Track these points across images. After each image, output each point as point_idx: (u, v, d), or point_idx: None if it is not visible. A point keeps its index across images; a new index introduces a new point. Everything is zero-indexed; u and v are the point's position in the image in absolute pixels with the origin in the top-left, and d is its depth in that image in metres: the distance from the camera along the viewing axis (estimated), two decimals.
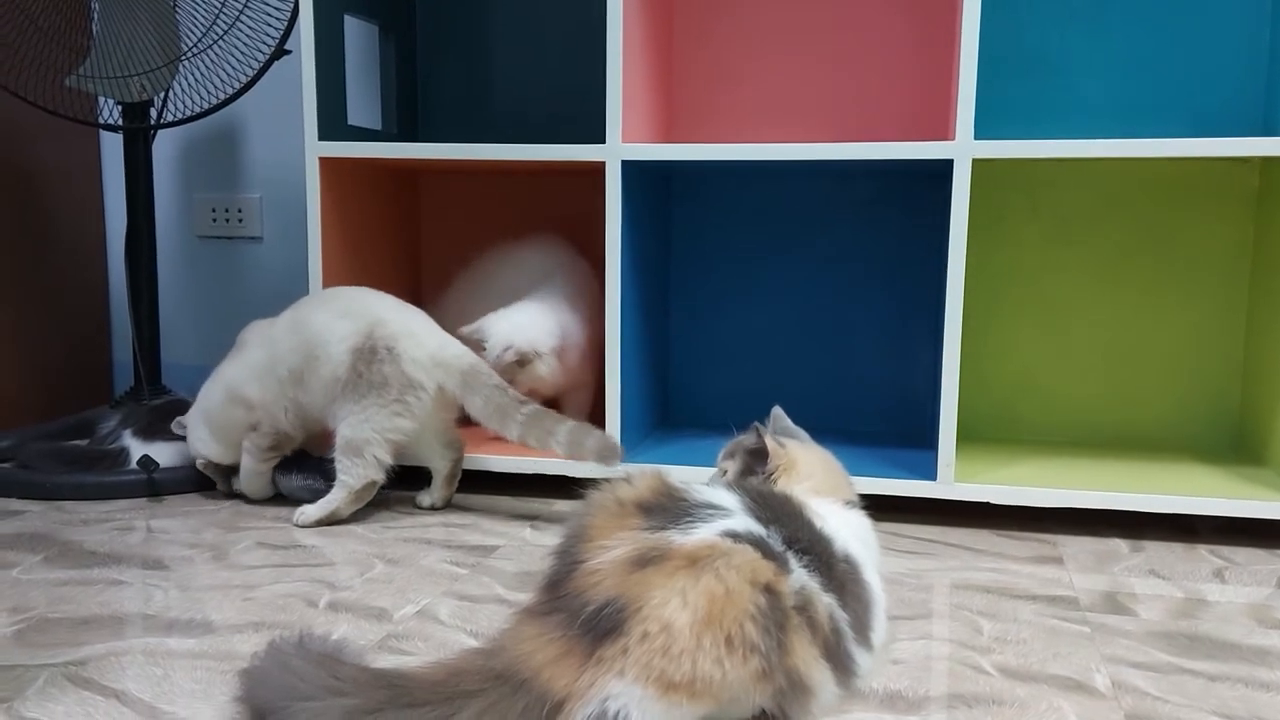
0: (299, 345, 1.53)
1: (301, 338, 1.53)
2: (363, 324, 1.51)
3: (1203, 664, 1.06)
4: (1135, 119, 1.77)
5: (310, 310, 1.56)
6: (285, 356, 1.54)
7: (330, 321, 1.52)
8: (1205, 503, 1.46)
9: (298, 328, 1.54)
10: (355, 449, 1.49)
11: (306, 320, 1.54)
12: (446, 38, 2.03)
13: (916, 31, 1.83)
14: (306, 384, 1.53)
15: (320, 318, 1.53)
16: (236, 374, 1.59)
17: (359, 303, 1.55)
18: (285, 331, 1.55)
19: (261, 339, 1.59)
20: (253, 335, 1.62)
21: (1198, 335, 1.79)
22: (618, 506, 0.94)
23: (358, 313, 1.52)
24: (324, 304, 1.56)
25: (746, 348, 1.96)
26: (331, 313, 1.54)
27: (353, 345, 1.49)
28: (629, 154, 1.58)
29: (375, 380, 1.48)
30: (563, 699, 0.84)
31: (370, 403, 1.48)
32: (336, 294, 1.60)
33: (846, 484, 1.15)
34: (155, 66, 1.79)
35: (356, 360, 1.49)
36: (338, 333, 1.51)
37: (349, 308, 1.54)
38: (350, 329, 1.51)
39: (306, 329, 1.53)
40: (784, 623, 0.87)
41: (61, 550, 1.39)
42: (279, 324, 1.58)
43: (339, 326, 1.51)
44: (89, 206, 2.26)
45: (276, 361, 1.55)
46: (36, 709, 0.93)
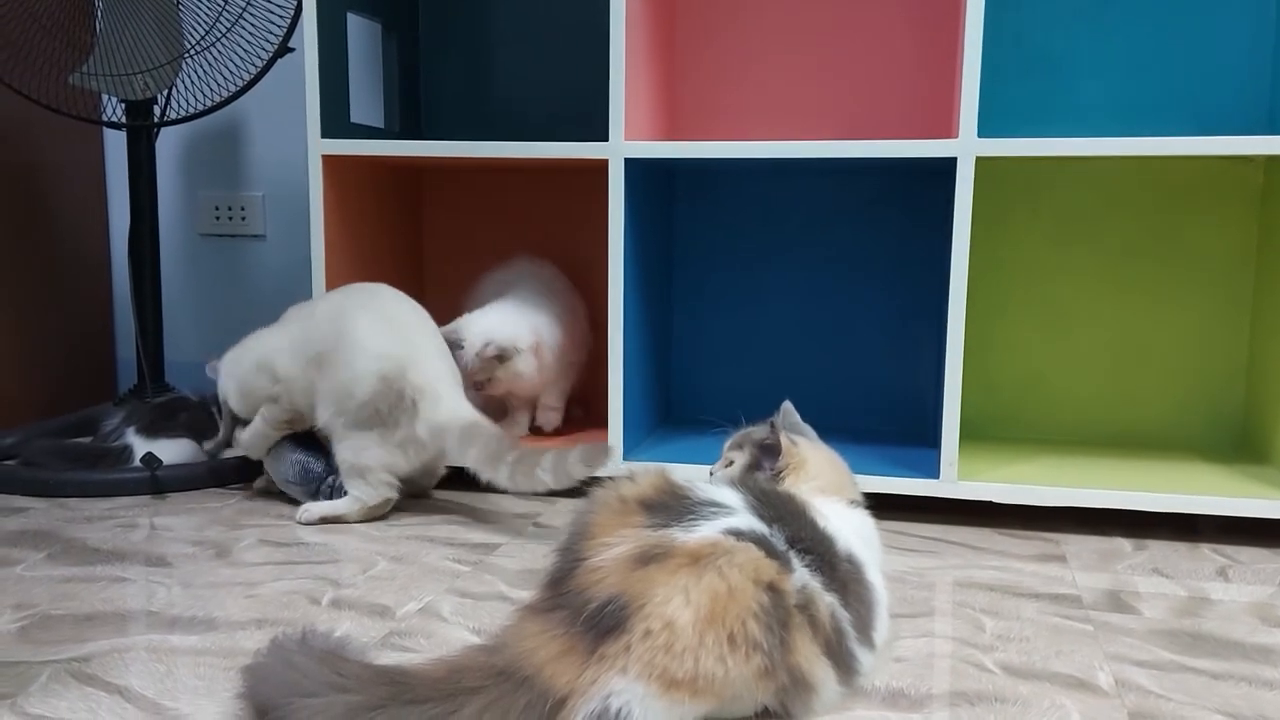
0: (333, 336, 1.51)
1: (338, 331, 1.51)
2: (400, 357, 1.49)
3: (1206, 662, 1.06)
4: (1139, 118, 1.76)
5: (356, 309, 1.53)
6: (317, 340, 1.52)
7: (372, 333, 1.50)
8: (1209, 501, 1.46)
9: (338, 319, 1.52)
10: (359, 473, 1.50)
11: (349, 318, 1.51)
12: (449, 35, 2.03)
13: (920, 30, 1.82)
14: (325, 373, 1.52)
15: (363, 324, 1.50)
16: (270, 344, 1.58)
17: (402, 325, 1.53)
18: (325, 318, 1.54)
19: (302, 316, 1.58)
20: (295, 311, 1.61)
21: (1201, 334, 1.79)
22: (620, 504, 0.94)
23: (399, 339, 1.50)
24: (369, 308, 1.53)
25: (749, 346, 1.96)
26: (375, 324, 1.51)
27: (383, 372, 1.48)
28: (631, 151, 1.58)
29: (388, 420, 1.48)
30: (565, 696, 0.84)
31: (375, 435, 1.48)
32: (382, 300, 1.56)
33: (851, 483, 1.15)
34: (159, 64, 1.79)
35: (381, 390, 1.47)
36: (373, 350, 1.49)
37: (393, 329, 1.51)
38: (387, 352, 1.49)
39: (346, 326, 1.51)
40: (787, 621, 0.87)
41: (65, 547, 1.39)
42: (321, 306, 1.57)
43: (377, 344, 1.49)
44: (92, 204, 2.27)
45: (309, 342, 1.54)
46: (40, 705, 0.93)
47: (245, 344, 1.62)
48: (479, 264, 2.05)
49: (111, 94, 1.80)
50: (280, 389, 1.56)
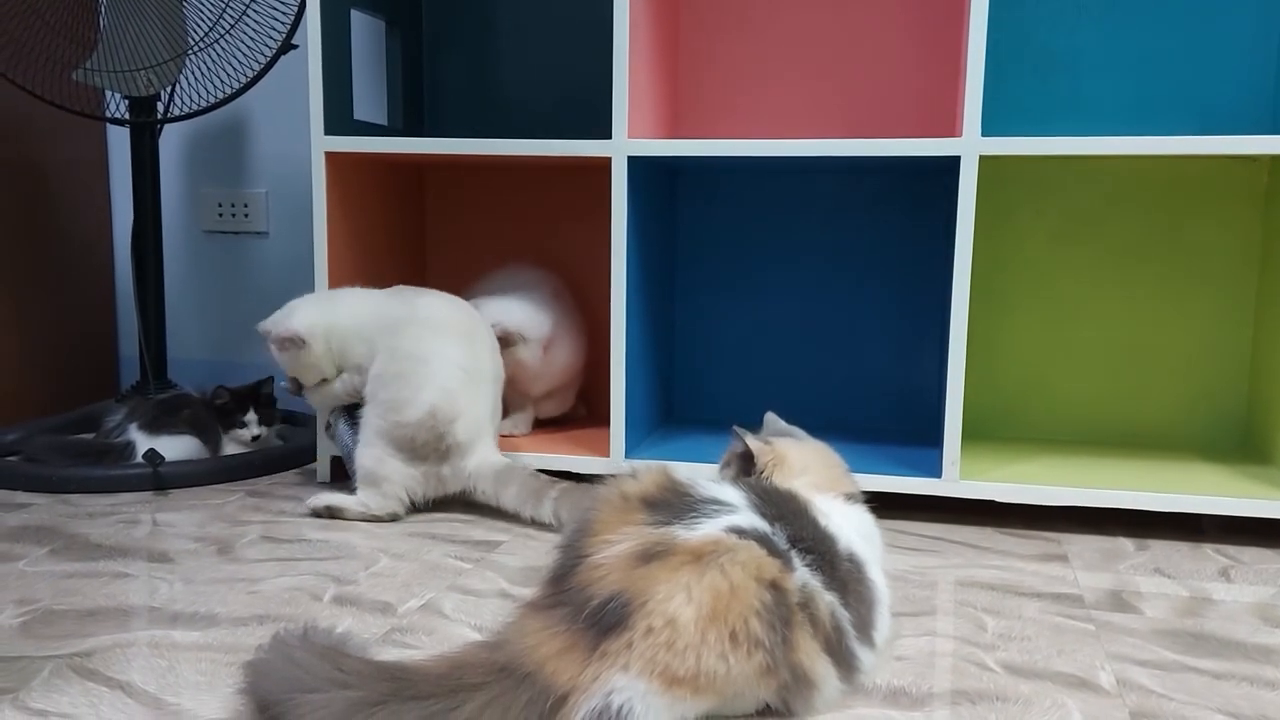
0: (419, 348, 1.51)
1: (426, 348, 1.51)
2: (458, 408, 1.50)
3: (1208, 662, 1.06)
4: (1143, 117, 1.76)
5: (452, 336, 1.53)
6: (405, 341, 1.52)
7: (448, 363, 1.50)
8: (1211, 501, 1.46)
9: (433, 336, 1.52)
10: (375, 481, 1.50)
11: (441, 341, 1.52)
12: (453, 32, 2.03)
13: (924, 28, 1.82)
14: (390, 373, 1.51)
15: (446, 350, 1.51)
16: (370, 314, 1.59)
17: (479, 379, 1.54)
18: (425, 323, 1.53)
19: (405, 305, 1.57)
20: (401, 296, 1.60)
21: (1205, 334, 1.79)
22: (623, 501, 0.94)
23: (469, 388, 1.51)
24: (461, 339, 1.54)
25: (751, 344, 1.96)
26: (456, 356, 1.51)
27: (436, 407, 1.48)
28: (634, 149, 1.58)
29: (421, 451, 1.49)
30: (566, 692, 0.84)
31: (406, 455, 1.50)
32: (475, 334, 1.56)
33: (845, 477, 1.15)
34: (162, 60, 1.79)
35: (425, 422, 1.48)
36: (441, 380, 1.49)
37: (471, 375, 1.52)
38: (452, 392, 1.50)
39: (436, 349, 1.51)
40: (788, 619, 0.87)
41: (67, 543, 1.40)
42: (428, 308, 1.56)
43: (450, 375, 1.50)
44: (96, 200, 2.27)
45: (395, 333, 1.53)
46: (42, 700, 0.93)
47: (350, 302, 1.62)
48: (481, 261, 2.05)
49: (115, 90, 1.80)
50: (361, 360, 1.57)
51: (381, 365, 1.52)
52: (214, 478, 1.72)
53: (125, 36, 1.77)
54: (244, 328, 2.28)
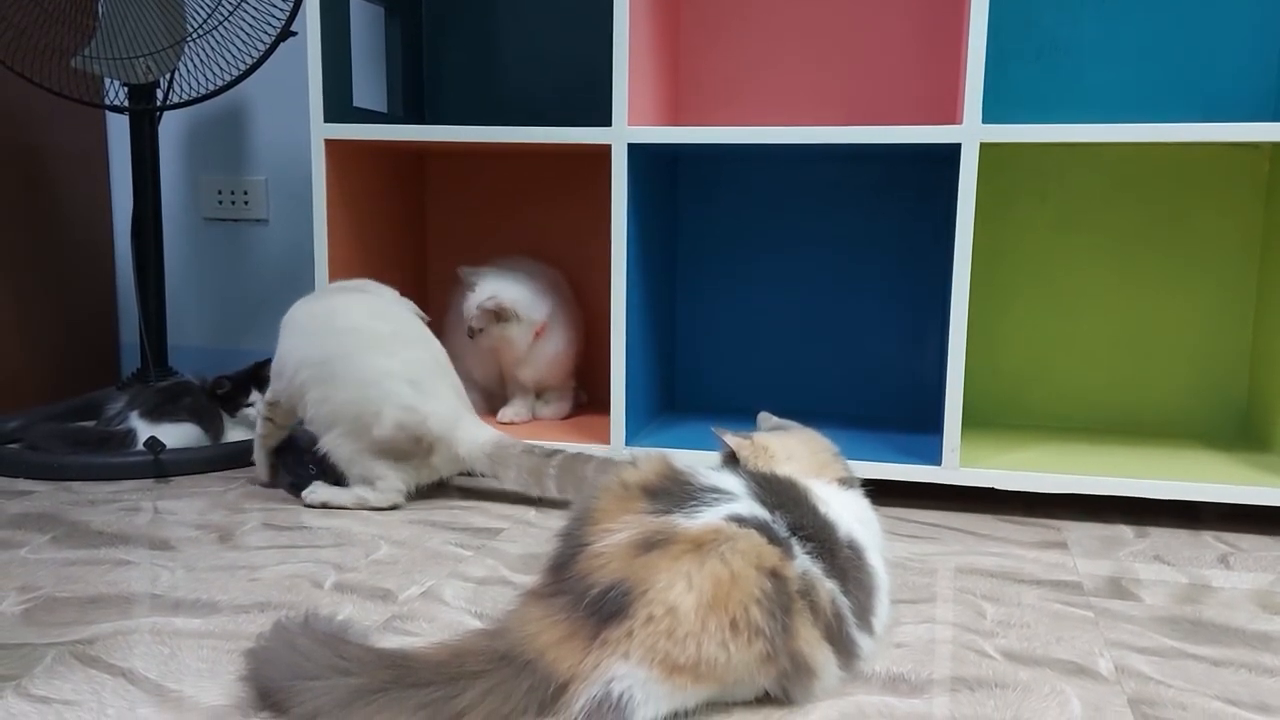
0: (352, 379, 1.48)
1: (358, 375, 1.47)
2: (423, 409, 1.48)
3: (1206, 649, 1.06)
4: (1146, 105, 1.75)
5: (375, 349, 1.49)
6: (334, 360, 1.49)
7: (397, 381, 1.48)
8: (1211, 489, 1.46)
9: (360, 351, 1.48)
10: (368, 482, 1.51)
11: (366, 359, 1.48)
12: (452, 20, 2.03)
13: (925, 15, 1.81)
14: (336, 394, 1.48)
15: (383, 365, 1.48)
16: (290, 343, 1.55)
17: (426, 376, 1.50)
18: (350, 340, 1.49)
19: (319, 323, 1.52)
20: (308, 309, 1.56)
21: (1206, 321, 1.79)
22: (623, 490, 0.94)
23: (424, 391, 1.49)
24: (392, 350, 1.49)
25: (752, 332, 1.96)
26: (400, 371, 1.48)
27: (401, 421, 1.47)
28: (635, 137, 1.58)
29: (404, 453, 1.50)
30: (567, 680, 0.84)
31: (390, 460, 1.50)
32: (406, 338, 1.52)
33: (835, 462, 1.15)
34: (161, 48, 1.79)
35: (400, 430, 1.48)
36: (397, 398, 1.47)
37: (418, 377, 1.49)
38: (410, 404, 1.48)
39: (365, 367, 1.47)
40: (789, 606, 0.88)
41: (69, 530, 1.40)
42: (340, 318, 1.51)
43: (403, 392, 1.48)
44: (95, 188, 2.26)
45: (323, 359, 1.49)
46: (44, 687, 0.93)
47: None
48: (482, 248, 2.05)
49: (114, 77, 1.80)
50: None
51: (319, 386, 1.49)
52: (215, 465, 1.72)
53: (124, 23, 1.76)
54: (244, 315, 2.28)
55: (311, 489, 1.52)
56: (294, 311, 1.55)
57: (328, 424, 1.50)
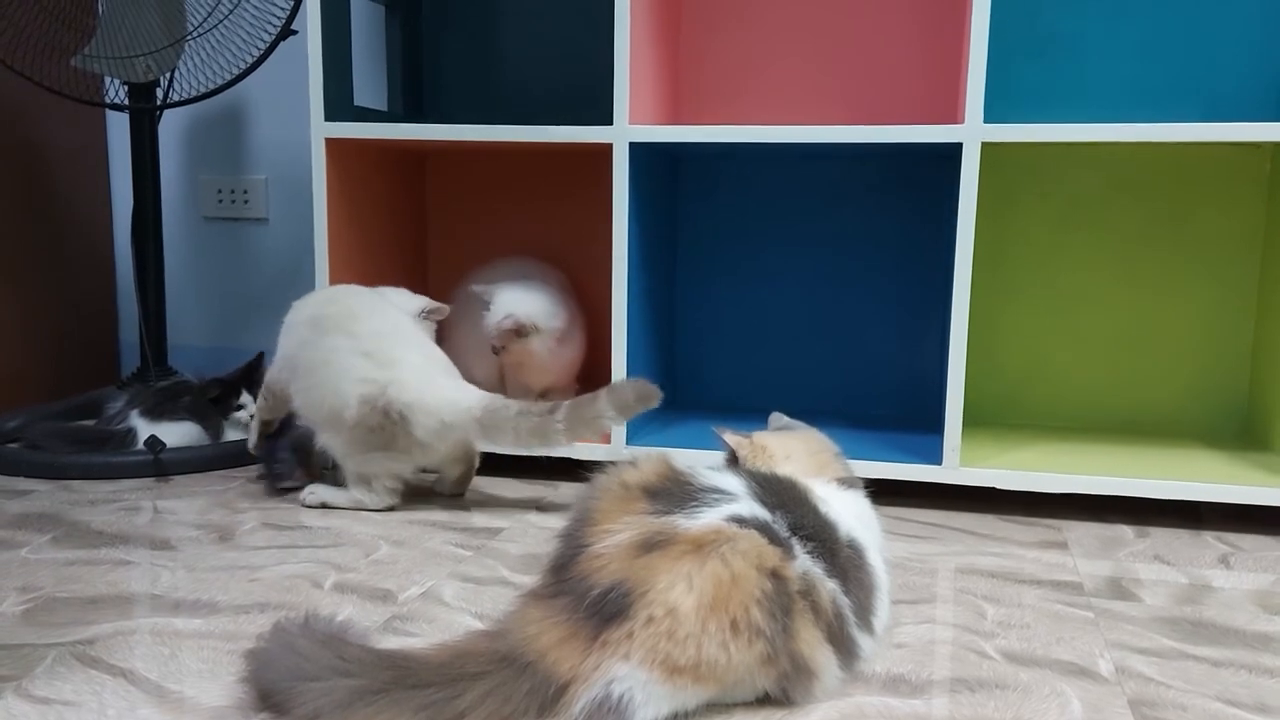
0: (314, 365, 1.48)
1: (317, 359, 1.47)
2: (381, 377, 1.44)
3: (1207, 650, 1.06)
4: (1148, 104, 1.75)
5: (331, 331, 1.48)
6: (300, 354, 1.50)
7: (349, 355, 1.45)
8: (1211, 489, 1.46)
9: (311, 348, 1.48)
10: (365, 480, 1.49)
11: (322, 341, 1.47)
12: (453, 18, 2.02)
13: (927, 14, 1.81)
14: (309, 391, 1.48)
15: (336, 343, 1.46)
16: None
17: (385, 345, 1.47)
18: (308, 330, 1.50)
19: (297, 327, 1.53)
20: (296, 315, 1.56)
21: (1207, 321, 1.79)
22: (623, 491, 0.94)
23: (380, 360, 1.45)
24: (346, 328, 1.48)
25: (753, 331, 1.96)
26: (352, 345, 1.46)
27: (363, 394, 1.44)
28: (636, 135, 1.58)
29: (385, 436, 1.45)
30: (567, 681, 0.84)
31: (376, 449, 1.46)
32: (357, 315, 1.50)
33: (835, 462, 1.15)
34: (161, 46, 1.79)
35: (367, 412, 1.44)
36: (353, 372, 1.45)
37: (374, 348, 1.46)
38: (367, 375, 1.44)
39: (321, 349, 1.47)
40: (789, 607, 0.88)
41: (69, 530, 1.40)
42: (305, 321, 1.52)
43: (357, 365, 1.45)
44: (95, 187, 2.26)
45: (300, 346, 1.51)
46: (45, 688, 0.93)
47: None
48: (482, 247, 2.05)
49: (114, 76, 1.79)
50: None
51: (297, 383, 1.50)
52: (215, 464, 1.72)
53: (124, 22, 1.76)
54: (244, 314, 2.28)
55: (310, 490, 1.52)
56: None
57: (314, 421, 1.50)
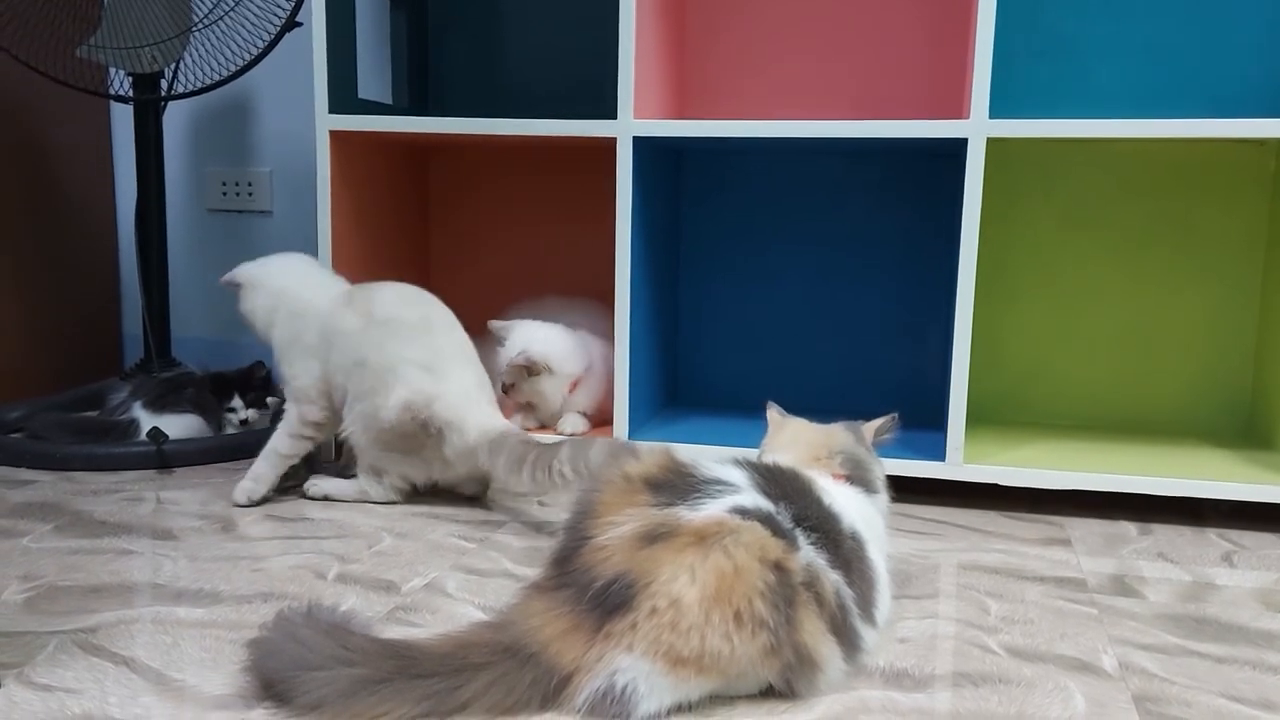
0: (361, 357, 1.46)
1: (370, 354, 1.46)
2: (432, 390, 1.44)
3: (1210, 646, 1.06)
4: (1152, 101, 1.75)
5: (402, 331, 1.46)
6: (346, 347, 1.47)
7: (411, 366, 1.44)
8: (1215, 486, 1.46)
9: (387, 338, 1.46)
10: (377, 473, 1.49)
11: (382, 343, 1.46)
12: (458, 11, 2.02)
13: (932, 9, 1.81)
14: (359, 385, 1.47)
15: (408, 353, 1.45)
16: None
17: (446, 361, 1.47)
18: (375, 328, 1.47)
19: (355, 311, 1.49)
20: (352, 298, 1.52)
21: (1210, 319, 1.78)
22: (626, 483, 0.94)
23: (437, 374, 1.45)
24: (420, 339, 1.47)
25: (756, 327, 1.95)
26: (418, 356, 1.45)
27: (409, 401, 1.43)
28: (640, 130, 1.58)
29: (414, 444, 1.46)
30: (571, 672, 0.84)
31: (400, 452, 1.47)
32: (433, 328, 1.49)
33: (828, 456, 1.14)
34: (166, 37, 1.78)
35: (407, 419, 1.43)
36: (409, 380, 1.44)
37: (435, 362, 1.46)
38: (420, 386, 1.43)
39: (381, 352, 1.45)
40: (792, 599, 0.87)
41: (72, 520, 1.40)
42: (374, 307, 1.48)
43: (414, 375, 1.44)
44: (100, 178, 2.26)
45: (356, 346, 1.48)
46: (47, 675, 0.93)
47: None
48: (485, 242, 2.05)
49: (119, 67, 1.79)
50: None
51: (346, 377, 1.49)
52: (217, 456, 1.72)
53: (129, 13, 1.76)
54: None
55: (313, 481, 1.52)
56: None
57: (350, 408, 1.48)
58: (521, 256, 2.04)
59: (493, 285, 2.05)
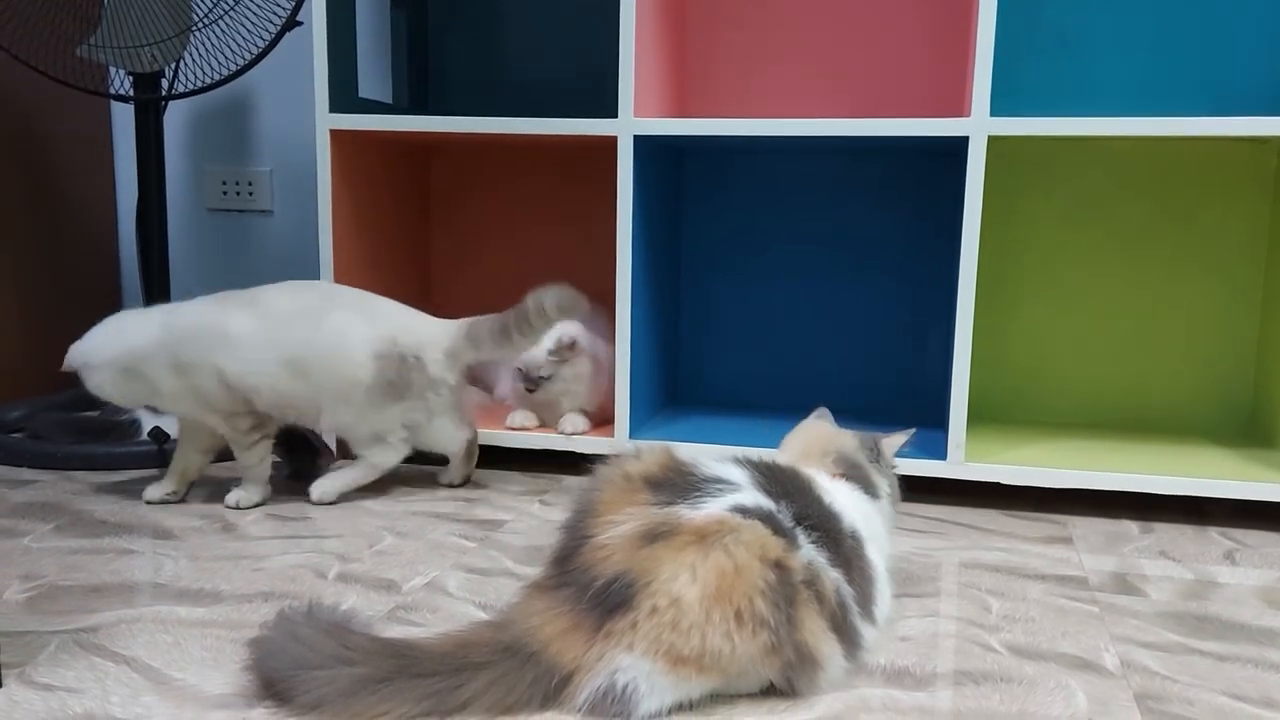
0: (310, 339, 1.45)
1: (316, 332, 1.45)
2: (386, 330, 1.47)
3: (1212, 644, 1.06)
4: (1154, 100, 1.75)
5: (324, 304, 1.47)
6: (288, 344, 1.45)
7: (350, 322, 1.46)
8: (1216, 485, 1.46)
9: (308, 318, 1.46)
10: (379, 439, 1.49)
11: (321, 313, 1.46)
12: (458, 10, 2.02)
13: (933, 7, 1.81)
14: (312, 377, 1.46)
15: (340, 316, 1.46)
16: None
17: (374, 307, 1.50)
18: (290, 315, 1.46)
19: (258, 313, 1.47)
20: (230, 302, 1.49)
21: (1212, 317, 1.78)
22: (626, 482, 0.94)
23: (379, 319, 1.48)
24: (334, 300, 1.49)
25: (757, 326, 1.95)
26: (350, 312, 1.47)
27: (377, 351, 1.46)
28: (640, 128, 1.57)
29: (401, 386, 1.47)
30: (571, 672, 0.84)
31: (392, 403, 1.48)
32: (338, 291, 1.52)
33: (822, 455, 1.14)
34: (166, 37, 1.78)
35: (384, 365, 1.46)
36: (360, 335, 1.46)
37: (370, 312, 1.49)
38: (373, 334, 1.46)
39: (324, 324, 1.45)
40: (793, 598, 0.87)
41: (72, 519, 1.40)
42: (273, 301, 1.48)
43: (361, 330, 1.46)
44: (100, 178, 2.26)
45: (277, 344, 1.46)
46: (48, 675, 0.93)
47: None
48: (486, 242, 2.04)
49: (119, 66, 1.79)
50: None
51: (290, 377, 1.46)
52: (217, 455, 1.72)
53: (129, 12, 1.76)
54: None
55: (318, 487, 1.49)
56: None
57: (312, 407, 1.47)
58: (522, 255, 2.04)
59: (493, 285, 2.05)
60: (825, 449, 1.12)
